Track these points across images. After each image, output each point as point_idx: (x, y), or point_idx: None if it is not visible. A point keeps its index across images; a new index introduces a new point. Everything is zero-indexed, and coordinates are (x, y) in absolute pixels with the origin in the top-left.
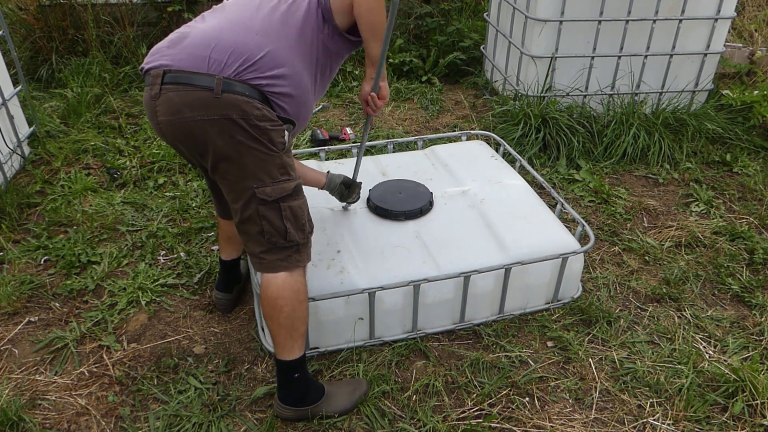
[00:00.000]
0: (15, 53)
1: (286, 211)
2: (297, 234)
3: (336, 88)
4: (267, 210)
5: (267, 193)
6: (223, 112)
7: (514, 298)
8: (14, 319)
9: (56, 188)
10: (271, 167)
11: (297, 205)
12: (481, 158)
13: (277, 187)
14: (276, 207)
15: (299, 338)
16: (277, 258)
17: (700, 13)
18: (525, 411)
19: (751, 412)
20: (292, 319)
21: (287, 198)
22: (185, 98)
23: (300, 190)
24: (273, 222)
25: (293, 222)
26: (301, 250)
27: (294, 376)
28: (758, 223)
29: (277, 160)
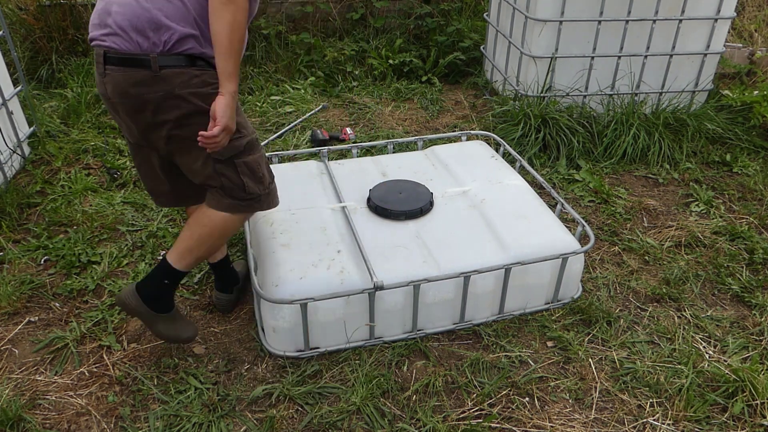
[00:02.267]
0: (15, 53)
1: (242, 167)
2: (256, 186)
3: (336, 89)
4: (224, 168)
5: (222, 153)
6: (165, 87)
7: (514, 298)
8: (14, 319)
9: (56, 188)
10: None
11: (252, 160)
12: (481, 158)
13: (229, 146)
14: (231, 164)
15: (194, 259)
16: (234, 203)
17: (700, 13)
18: (525, 411)
19: (751, 412)
20: (202, 241)
21: (241, 154)
22: (128, 79)
23: (254, 144)
24: (231, 178)
25: (250, 176)
26: (262, 200)
27: (164, 281)
28: (758, 223)
29: None
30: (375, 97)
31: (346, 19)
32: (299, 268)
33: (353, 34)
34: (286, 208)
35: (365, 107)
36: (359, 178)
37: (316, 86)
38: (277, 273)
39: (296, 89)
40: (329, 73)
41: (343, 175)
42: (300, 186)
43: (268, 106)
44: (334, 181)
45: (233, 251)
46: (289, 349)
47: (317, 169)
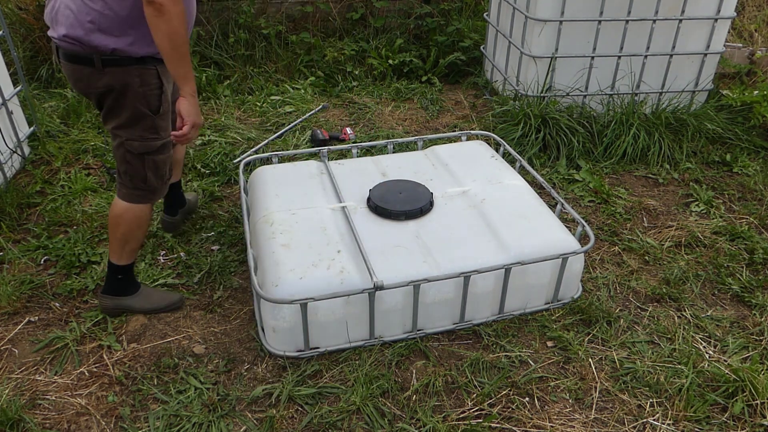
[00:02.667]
0: (15, 53)
1: (149, 163)
2: (156, 181)
3: (336, 89)
4: (133, 158)
5: (134, 147)
6: (107, 83)
7: (514, 298)
8: (14, 319)
9: (56, 188)
10: (142, 127)
11: (161, 159)
12: (481, 158)
13: (144, 144)
14: (141, 158)
15: (129, 252)
16: (133, 193)
17: (700, 13)
18: (525, 411)
19: (751, 412)
20: (126, 237)
21: (152, 153)
22: (76, 73)
23: (166, 147)
24: (136, 168)
25: (154, 171)
26: (155, 192)
27: (118, 277)
28: (758, 223)
29: (149, 122)
30: (375, 97)
31: (346, 19)
32: (299, 268)
33: (353, 34)
34: (286, 208)
35: (365, 107)
36: (359, 178)
37: (316, 86)
38: (277, 273)
39: (296, 89)
40: (329, 73)
41: (343, 175)
42: (300, 186)
43: (268, 106)
44: (334, 181)
45: (233, 251)
46: (289, 349)
47: (317, 169)
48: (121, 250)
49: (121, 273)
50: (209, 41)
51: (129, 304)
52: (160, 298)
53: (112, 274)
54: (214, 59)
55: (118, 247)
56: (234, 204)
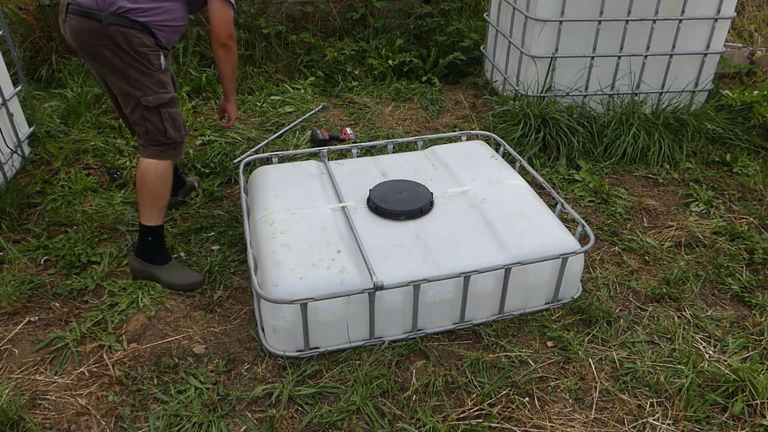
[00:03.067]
0: (15, 53)
1: (166, 115)
2: (175, 133)
3: (336, 88)
4: (150, 114)
5: (150, 101)
6: (111, 39)
7: (514, 298)
8: (14, 319)
9: (56, 188)
10: (150, 82)
11: (175, 112)
12: (481, 158)
13: (158, 96)
14: (157, 112)
15: (158, 211)
16: (157, 150)
17: (700, 13)
18: (525, 411)
19: (751, 412)
20: (154, 194)
21: (165, 105)
22: (83, 26)
23: (176, 102)
24: (156, 124)
25: (172, 124)
26: (177, 147)
27: (149, 239)
28: (758, 223)
29: (156, 77)
30: (375, 97)
31: (346, 19)
32: (299, 268)
33: (353, 34)
34: (286, 208)
35: (365, 107)
36: (359, 178)
37: (316, 86)
38: (277, 273)
39: (296, 89)
40: (329, 73)
41: (343, 175)
42: (300, 186)
43: (268, 106)
44: (334, 181)
45: (233, 251)
46: (289, 349)
47: (317, 169)
48: (150, 209)
49: (152, 235)
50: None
51: (157, 275)
52: (185, 276)
53: (143, 237)
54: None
55: (147, 206)
56: (234, 204)
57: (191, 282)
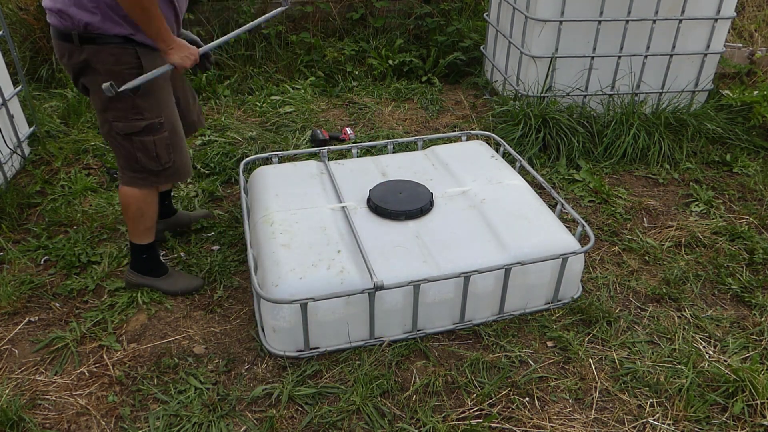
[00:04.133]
0: (15, 53)
1: (137, 144)
2: (149, 162)
3: (336, 88)
4: (122, 140)
5: (119, 128)
6: (83, 59)
7: (514, 298)
8: (14, 319)
9: (56, 188)
10: (122, 107)
11: (149, 140)
12: (481, 158)
13: (128, 124)
14: (128, 139)
15: (145, 231)
16: (132, 176)
17: (700, 13)
18: (525, 411)
19: (751, 412)
20: (137, 218)
21: (138, 133)
22: (60, 47)
23: (154, 128)
24: (126, 149)
25: (144, 152)
26: (158, 175)
27: (142, 255)
28: (758, 223)
29: (129, 102)
30: (375, 97)
31: (346, 19)
32: (299, 268)
33: (353, 34)
34: (286, 208)
35: (365, 107)
36: (359, 178)
37: (316, 86)
38: (277, 273)
39: (296, 89)
40: (329, 73)
41: (343, 175)
42: (300, 186)
43: (268, 106)
44: (334, 181)
45: (233, 251)
46: (289, 349)
47: (317, 169)
48: (136, 230)
49: (145, 252)
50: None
51: (157, 286)
52: (185, 282)
53: (136, 253)
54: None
55: (132, 228)
56: (234, 204)
57: (191, 287)
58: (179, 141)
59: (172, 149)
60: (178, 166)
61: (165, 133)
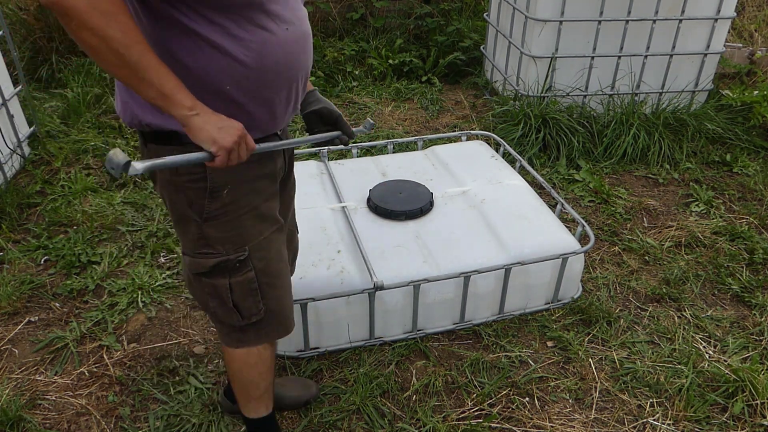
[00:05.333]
0: (15, 53)
1: (208, 287)
2: (226, 314)
3: (336, 88)
4: (192, 278)
5: (186, 263)
6: None
7: (514, 298)
8: (14, 319)
9: (56, 188)
10: (187, 236)
11: (221, 284)
12: (481, 158)
13: (194, 260)
14: (197, 280)
15: (255, 400)
16: (219, 330)
17: (700, 13)
18: (525, 411)
19: (751, 412)
20: (243, 384)
21: (206, 274)
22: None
23: (230, 268)
24: (197, 292)
25: (217, 299)
26: (244, 331)
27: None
28: (758, 223)
29: (194, 230)
30: (375, 97)
31: (346, 19)
32: (299, 268)
33: (353, 34)
34: None
35: (365, 107)
36: (359, 178)
37: (316, 86)
38: None
39: None
40: (329, 73)
41: (343, 175)
42: (300, 186)
43: None
44: (334, 181)
45: None
46: (289, 349)
47: (317, 169)
48: (245, 399)
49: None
50: None
51: None
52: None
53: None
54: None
55: (239, 395)
56: None
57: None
58: (276, 281)
59: (262, 296)
60: (274, 319)
61: (249, 274)
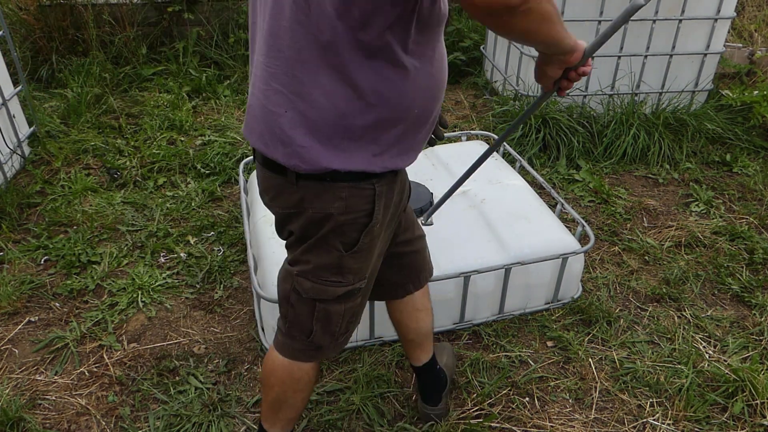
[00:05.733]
0: (15, 53)
1: (321, 312)
2: (324, 338)
3: None
4: (299, 301)
5: (305, 288)
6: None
7: (514, 298)
8: (14, 319)
9: (56, 188)
10: (318, 262)
11: (336, 311)
12: None
13: (319, 287)
14: (310, 305)
15: (283, 420)
16: (291, 345)
17: (700, 13)
18: (525, 411)
19: (750, 412)
20: (280, 402)
21: (327, 301)
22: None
23: (352, 295)
24: (300, 315)
25: (324, 324)
26: (323, 351)
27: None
28: (758, 223)
29: (331, 259)
30: None
31: None
32: None
33: None
34: None
35: None
36: None
37: None
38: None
39: None
40: None
41: None
42: None
43: None
44: None
45: (233, 251)
46: None
47: None
48: (273, 416)
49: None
50: (209, 41)
51: None
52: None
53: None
54: (214, 59)
55: (269, 412)
56: (234, 204)
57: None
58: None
59: (354, 320)
60: (343, 341)
61: (358, 300)
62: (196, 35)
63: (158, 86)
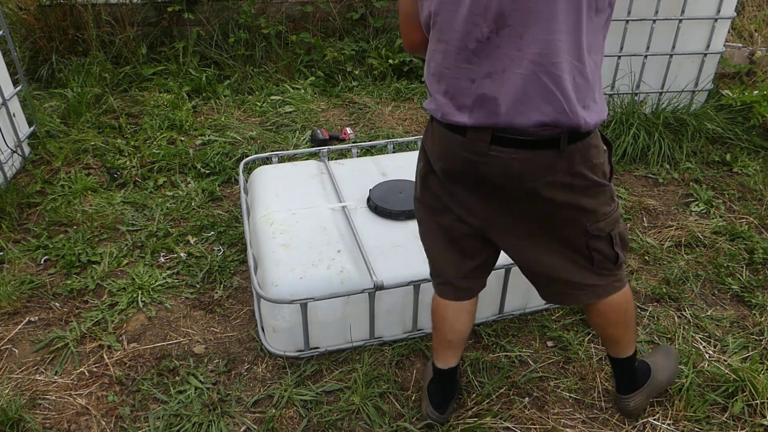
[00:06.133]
0: (15, 53)
1: (616, 238)
2: (623, 254)
3: (336, 88)
4: (598, 243)
5: (600, 228)
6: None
7: (514, 298)
8: (14, 319)
9: (56, 188)
10: (604, 199)
11: (624, 229)
12: None
13: (610, 219)
14: (608, 238)
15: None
16: (610, 281)
17: (700, 13)
18: (525, 411)
19: (751, 412)
20: (633, 317)
21: (617, 224)
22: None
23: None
24: (604, 252)
25: (621, 246)
26: (623, 266)
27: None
28: (758, 223)
29: (607, 191)
30: (375, 97)
31: (346, 19)
32: (299, 268)
33: (353, 34)
34: (286, 208)
35: (365, 107)
36: (359, 178)
37: (316, 86)
38: (277, 273)
39: (296, 89)
40: (329, 73)
41: (343, 175)
42: (300, 186)
43: (268, 106)
44: (334, 180)
45: (233, 251)
46: (289, 349)
47: (317, 169)
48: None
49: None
50: (209, 41)
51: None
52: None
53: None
54: (214, 59)
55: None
56: (234, 204)
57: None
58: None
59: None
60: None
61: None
62: (196, 35)
63: (158, 86)
